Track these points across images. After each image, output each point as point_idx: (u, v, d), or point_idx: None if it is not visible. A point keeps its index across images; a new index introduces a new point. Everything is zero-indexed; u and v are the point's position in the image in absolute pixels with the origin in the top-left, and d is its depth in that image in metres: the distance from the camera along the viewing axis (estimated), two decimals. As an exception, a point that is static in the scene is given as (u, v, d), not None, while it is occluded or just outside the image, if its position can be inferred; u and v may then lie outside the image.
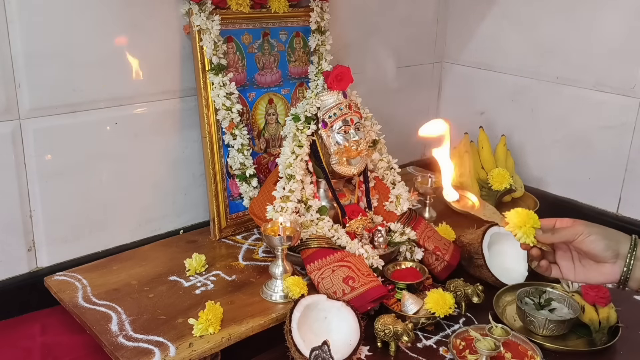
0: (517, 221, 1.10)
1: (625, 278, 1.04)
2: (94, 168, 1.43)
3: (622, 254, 1.04)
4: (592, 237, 1.04)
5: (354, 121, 1.42)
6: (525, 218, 1.09)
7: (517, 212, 1.11)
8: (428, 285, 1.40)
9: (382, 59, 1.99)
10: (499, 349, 1.15)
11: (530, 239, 1.09)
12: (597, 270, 1.06)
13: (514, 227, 1.10)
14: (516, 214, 1.10)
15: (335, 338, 1.15)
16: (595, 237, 1.04)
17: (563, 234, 1.07)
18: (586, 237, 1.04)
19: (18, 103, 1.29)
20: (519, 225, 1.09)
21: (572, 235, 1.06)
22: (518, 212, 1.10)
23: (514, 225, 1.10)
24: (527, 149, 1.97)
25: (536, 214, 1.11)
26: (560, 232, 1.07)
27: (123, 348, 1.12)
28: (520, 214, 1.10)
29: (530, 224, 1.09)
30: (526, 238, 1.09)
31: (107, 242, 1.49)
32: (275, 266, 1.30)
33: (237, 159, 1.53)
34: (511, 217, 1.11)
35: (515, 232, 1.10)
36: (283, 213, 1.37)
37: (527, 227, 1.09)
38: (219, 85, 1.49)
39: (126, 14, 1.39)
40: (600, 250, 1.04)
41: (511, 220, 1.11)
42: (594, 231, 1.05)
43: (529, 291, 1.38)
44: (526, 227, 1.09)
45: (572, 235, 1.06)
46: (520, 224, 1.09)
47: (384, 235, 1.42)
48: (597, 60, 1.76)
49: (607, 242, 1.04)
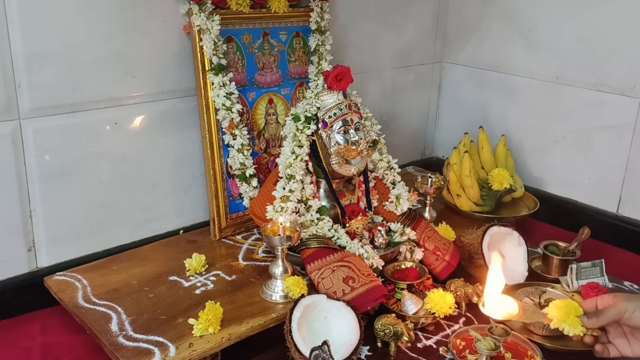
0: (560, 315, 1.09)
1: None
2: (94, 168, 1.43)
3: None
4: (638, 313, 1.04)
5: (354, 121, 1.41)
6: (567, 309, 1.09)
7: (557, 306, 1.10)
8: (428, 285, 1.40)
9: (382, 58, 1.99)
10: (499, 349, 1.15)
11: (578, 329, 1.08)
12: None
13: (559, 322, 1.09)
14: (556, 308, 1.10)
15: (335, 338, 1.15)
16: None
17: (608, 316, 1.07)
18: (631, 313, 1.04)
19: (18, 103, 1.29)
20: (563, 319, 1.09)
21: (617, 314, 1.06)
22: (558, 306, 1.10)
23: (559, 320, 1.09)
24: (527, 149, 1.97)
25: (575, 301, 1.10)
26: (604, 314, 1.07)
27: (123, 348, 1.12)
28: (560, 307, 1.10)
29: (573, 314, 1.08)
30: (574, 330, 1.08)
31: (107, 242, 1.49)
32: (275, 266, 1.30)
33: (237, 159, 1.53)
34: (553, 312, 1.10)
35: (562, 326, 1.09)
36: (283, 213, 1.37)
37: (571, 318, 1.08)
38: (219, 85, 1.49)
39: (126, 14, 1.39)
40: None
41: (554, 315, 1.10)
42: (638, 305, 1.05)
43: (529, 291, 1.38)
44: (570, 319, 1.08)
45: (617, 314, 1.06)
46: (564, 318, 1.09)
47: (384, 235, 1.42)
48: (597, 60, 1.76)
49: None
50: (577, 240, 1.55)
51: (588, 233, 1.56)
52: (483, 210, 1.78)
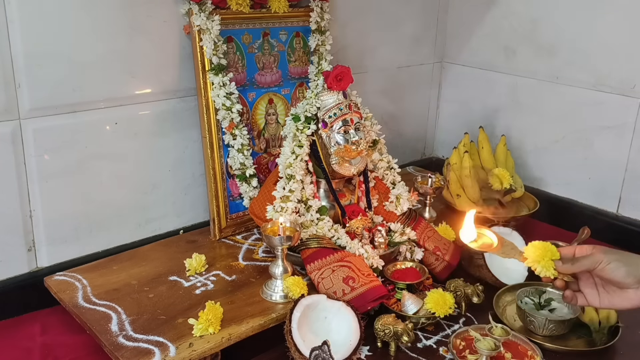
0: (535, 255, 1.09)
1: None
2: (94, 168, 1.43)
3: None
4: (612, 265, 1.04)
5: (354, 121, 1.41)
6: (543, 251, 1.09)
7: (535, 246, 1.10)
8: (428, 285, 1.40)
9: (382, 59, 1.99)
10: (499, 349, 1.15)
11: (550, 272, 1.08)
12: (621, 296, 1.06)
13: (533, 262, 1.09)
14: (534, 248, 1.10)
15: (335, 338, 1.15)
16: (616, 265, 1.04)
17: (583, 264, 1.07)
18: (606, 265, 1.04)
19: (18, 103, 1.29)
20: (537, 260, 1.09)
21: (592, 264, 1.05)
22: (535, 246, 1.10)
23: (533, 260, 1.09)
24: (527, 149, 1.97)
25: (554, 245, 1.10)
26: (579, 261, 1.07)
27: (123, 348, 1.12)
28: (537, 247, 1.10)
29: (549, 257, 1.08)
30: (546, 271, 1.08)
31: (107, 242, 1.49)
32: (275, 266, 1.30)
33: (237, 159, 1.53)
34: (529, 251, 1.10)
35: (535, 266, 1.09)
36: (283, 213, 1.37)
37: (545, 260, 1.08)
38: (219, 85, 1.49)
39: (126, 14, 1.39)
40: (622, 277, 1.04)
41: (529, 254, 1.10)
42: (614, 258, 1.05)
43: (529, 291, 1.38)
44: (544, 261, 1.08)
45: (592, 263, 1.05)
46: (538, 258, 1.09)
47: (384, 235, 1.42)
48: (597, 60, 1.76)
49: (628, 269, 1.04)
50: (577, 240, 1.55)
51: (588, 233, 1.55)
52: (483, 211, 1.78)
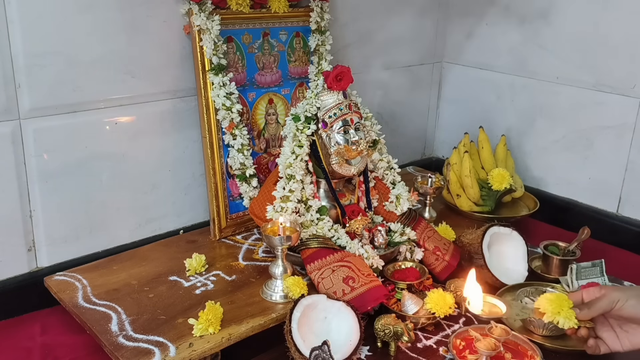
0: (552, 308, 1.08)
1: None
2: (94, 168, 1.43)
3: None
4: (631, 302, 1.03)
5: (354, 121, 1.41)
6: (559, 302, 1.08)
7: (548, 300, 1.09)
8: (428, 285, 1.40)
9: (382, 59, 1.99)
10: (499, 349, 1.15)
11: (573, 322, 1.07)
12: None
13: (553, 315, 1.08)
14: (548, 301, 1.09)
15: (335, 338, 1.15)
16: (635, 302, 1.03)
17: (600, 306, 1.06)
18: (624, 303, 1.03)
19: (18, 103, 1.29)
20: (556, 312, 1.08)
21: (610, 304, 1.05)
22: (549, 299, 1.09)
23: (552, 313, 1.08)
24: (527, 149, 1.97)
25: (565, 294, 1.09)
26: (595, 304, 1.06)
27: (123, 348, 1.12)
28: (551, 300, 1.08)
29: (566, 306, 1.07)
30: (569, 322, 1.07)
31: (107, 242, 1.49)
32: (275, 266, 1.30)
33: (237, 159, 1.53)
34: (545, 305, 1.09)
35: (557, 319, 1.08)
36: (283, 213, 1.37)
37: (565, 310, 1.07)
38: (219, 85, 1.49)
39: (126, 14, 1.39)
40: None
41: (546, 309, 1.09)
42: (630, 295, 1.04)
43: (529, 291, 1.38)
44: (565, 311, 1.07)
45: (610, 304, 1.05)
46: (557, 310, 1.08)
47: (384, 235, 1.42)
48: (597, 60, 1.76)
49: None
50: (577, 240, 1.55)
51: (588, 233, 1.56)
52: (483, 210, 1.78)
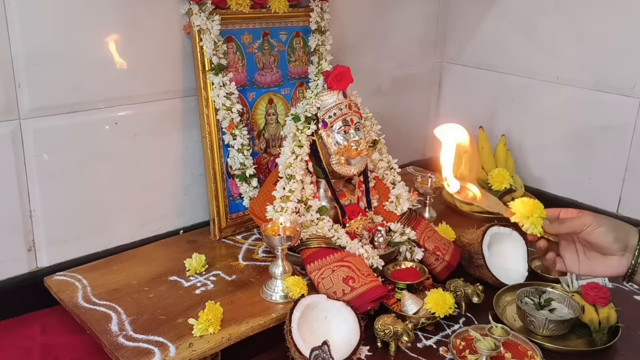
0: (524, 211, 1.06)
1: (633, 271, 1.02)
2: (94, 168, 1.43)
3: (630, 247, 1.02)
4: (601, 229, 1.02)
5: (354, 121, 1.41)
6: (532, 208, 1.06)
7: (523, 202, 1.07)
8: (428, 285, 1.40)
9: (382, 59, 1.99)
10: (499, 349, 1.15)
11: (538, 229, 1.05)
12: (603, 263, 1.04)
13: (521, 217, 1.06)
14: (522, 203, 1.07)
15: (335, 338, 1.15)
16: (605, 229, 1.02)
17: (571, 225, 1.05)
18: (595, 228, 1.02)
19: (18, 103, 1.29)
20: (526, 215, 1.06)
21: (580, 226, 1.04)
22: (524, 202, 1.07)
23: (521, 215, 1.06)
24: (527, 149, 1.97)
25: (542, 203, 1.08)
26: (568, 222, 1.05)
27: (123, 348, 1.12)
28: (526, 203, 1.07)
29: (538, 214, 1.05)
30: (534, 228, 1.06)
31: (107, 242, 1.49)
32: (275, 266, 1.30)
33: (237, 159, 1.53)
34: (517, 206, 1.07)
35: (523, 222, 1.06)
36: (283, 213, 1.37)
37: (534, 217, 1.05)
38: (219, 85, 1.49)
39: (126, 14, 1.39)
40: (609, 242, 1.02)
41: (517, 210, 1.07)
42: (603, 222, 1.03)
43: (529, 291, 1.38)
44: (534, 217, 1.05)
45: (580, 225, 1.04)
46: (527, 214, 1.06)
47: (384, 235, 1.42)
48: (597, 60, 1.76)
49: (616, 234, 1.02)
50: (577, 240, 1.55)
51: (588, 233, 1.55)
52: (483, 210, 1.78)
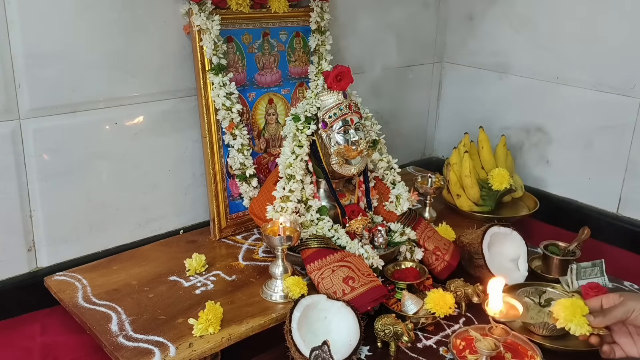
0: (565, 314, 1.08)
1: None
2: (94, 168, 1.43)
3: None
4: None
5: (354, 121, 1.41)
6: (573, 308, 1.07)
7: (563, 305, 1.09)
8: (428, 285, 1.40)
9: (382, 59, 1.99)
10: (499, 349, 1.15)
11: (585, 329, 1.07)
12: None
13: (565, 322, 1.08)
14: (562, 307, 1.08)
15: (335, 338, 1.15)
16: None
17: (615, 315, 1.06)
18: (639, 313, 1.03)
19: (18, 103, 1.29)
20: (569, 319, 1.08)
21: (625, 314, 1.04)
22: (564, 305, 1.08)
23: (565, 320, 1.08)
24: (527, 149, 1.97)
25: (581, 299, 1.09)
26: (611, 313, 1.06)
27: (123, 348, 1.12)
28: (566, 306, 1.08)
29: (580, 314, 1.07)
30: (581, 329, 1.07)
31: (107, 242, 1.49)
32: (275, 266, 1.30)
33: (237, 159, 1.53)
34: (558, 311, 1.09)
35: (569, 326, 1.08)
36: (283, 213, 1.37)
37: (577, 318, 1.07)
38: (219, 85, 1.49)
39: (126, 14, 1.39)
40: None
41: (559, 315, 1.09)
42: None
43: (529, 291, 1.37)
44: (577, 319, 1.07)
45: (625, 313, 1.04)
46: (570, 317, 1.07)
47: (384, 235, 1.42)
48: (597, 60, 1.76)
49: None
50: (577, 240, 1.55)
51: (588, 233, 1.56)
52: (483, 210, 1.78)
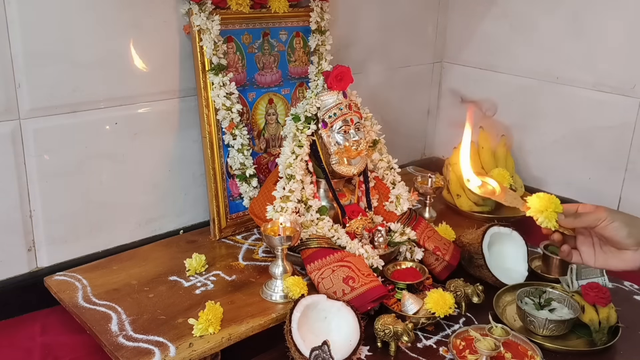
0: (538, 205, 1.09)
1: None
2: (94, 168, 1.43)
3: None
4: (615, 224, 1.04)
5: (354, 121, 1.42)
6: (547, 202, 1.09)
7: (539, 197, 1.10)
8: (428, 285, 1.40)
9: (382, 59, 1.99)
10: (499, 349, 1.15)
11: (552, 223, 1.08)
12: (618, 257, 1.06)
13: (536, 212, 1.09)
14: (538, 198, 1.10)
15: (335, 338, 1.15)
16: (619, 224, 1.04)
17: (585, 219, 1.07)
18: (609, 223, 1.04)
19: (18, 103, 1.29)
20: (540, 210, 1.09)
21: (595, 221, 1.05)
22: (540, 197, 1.10)
23: (536, 210, 1.09)
24: (527, 149, 1.97)
25: (558, 199, 1.10)
26: (582, 217, 1.07)
27: (123, 348, 1.12)
28: (542, 198, 1.10)
29: (552, 208, 1.08)
30: (548, 222, 1.08)
31: (107, 242, 1.49)
32: (275, 266, 1.30)
33: (237, 159, 1.53)
34: (533, 201, 1.10)
35: (537, 216, 1.09)
36: (283, 213, 1.37)
37: (548, 211, 1.08)
38: (219, 85, 1.49)
39: (126, 14, 1.39)
40: (623, 237, 1.04)
41: (533, 204, 1.10)
42: (617, 217, 1.05)
43: (529, 291, 1.38)
44: (548, 212, 1.08)
45: (595, 220, 1.05)
46: (542, 208, 1.09)
47: (384, 235, 1.42)
48: (597, 60, 1.76)
49: (630, 230, 1.04)
50: (577, 240, 1.55)
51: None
52: (483, 210, 1.78)
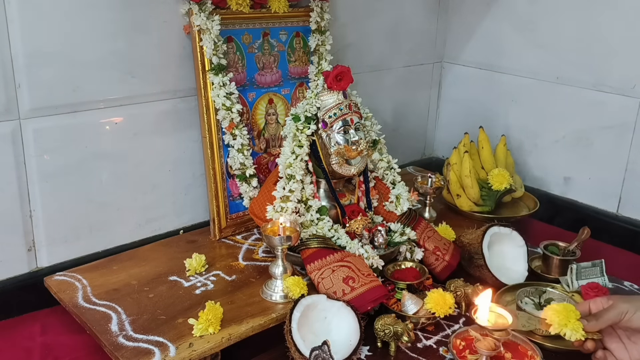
0: (559, 320, 1.07)
1: None
2: (94, 168, 1.43)
3: None
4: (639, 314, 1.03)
5: (354, 121, 1.42)
6: (566, 314, 1.07)
7: (555, 310, 1.08)
8: (428, 285, 1.40)
9: (382, 59, 1.99)
10: (499, 349, 1.15)
11: (580, 334, 1.06)
12: None
13: (560, 327, 1.07)
14: (555, 312, 1.08)
15: (335, 338, 1.15)
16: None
17: (608, 317, 1.05)
18: (633, 314, 1.03)
19: (18, 103, 1.29)
20: (563, 324, 1.07)
21: (618, 316, 1.04)
22: (556, 310, 1.08)
23: (559, 325, 1.07)
24: (527, 149, 1.97)
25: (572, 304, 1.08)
26: (604, 315, 1.05)
27: (123, 348, 1.12)
28: (559, 311, 1.07)
29: (574, 318, 1.06)
30: (576, 334, 1.06)
31: (107, 242, 1.49)
32: (275, 266, 1.30)
33: (237, 159, 1.53)
34: (551, 317, 1.08)
35: (563, 331, 1.07)
36: (283, 213, 1.37)
37: (572, 322, 1.06)
38: (219, 85, 1.49)
39: (126, 14, 1.39)
40: None
41: (553, 320, 1.08)
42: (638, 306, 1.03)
43: (529, 291, 1.38)
44: (572, 323, 1.06)
45: (618, 315, 1.04)
46: (564, 322, 1.07)
47: (384, 235, 1.42)
48: (597, 60, 1.76)
49: None
50: (577, 240, 1.55)
51: (588, 233, 1.56)
52: (483, 210, 1.78)
